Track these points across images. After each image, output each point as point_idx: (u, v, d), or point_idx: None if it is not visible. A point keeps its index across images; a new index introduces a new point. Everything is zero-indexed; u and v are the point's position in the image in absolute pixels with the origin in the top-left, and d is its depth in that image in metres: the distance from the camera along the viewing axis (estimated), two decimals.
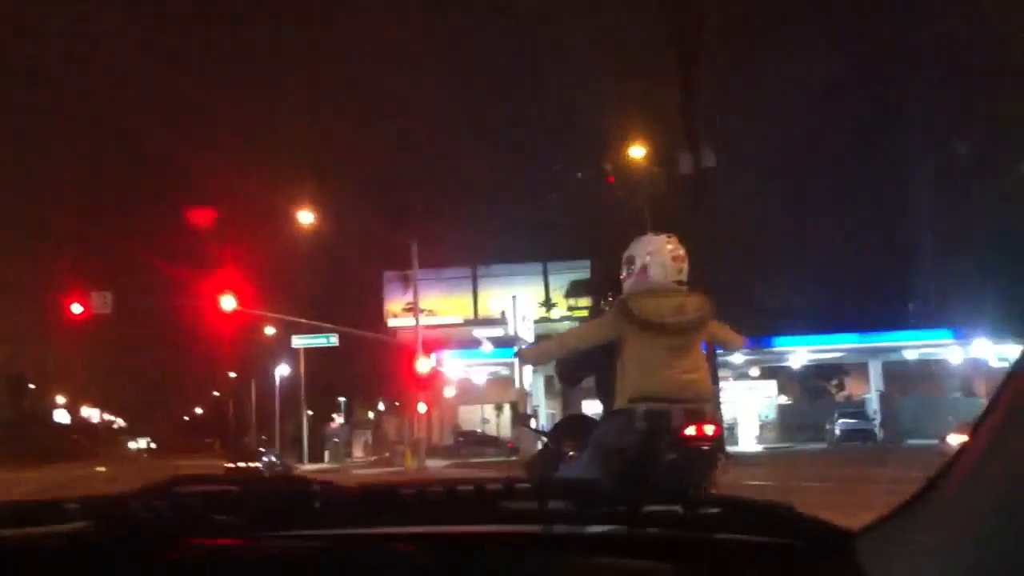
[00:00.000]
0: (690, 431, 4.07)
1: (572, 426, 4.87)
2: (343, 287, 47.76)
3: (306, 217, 35.62)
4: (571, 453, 4.59)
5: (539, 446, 5.26)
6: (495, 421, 48.04)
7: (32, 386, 75.93)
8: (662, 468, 4.05)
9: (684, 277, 4.43)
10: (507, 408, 44.28)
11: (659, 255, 4.42)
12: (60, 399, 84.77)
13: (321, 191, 40.47)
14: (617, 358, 4.24)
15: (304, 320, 38.30)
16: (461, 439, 45.81)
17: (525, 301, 34.10)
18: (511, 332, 31.17)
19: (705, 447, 4.13)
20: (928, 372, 44.91)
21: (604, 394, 4.44)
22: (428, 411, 38.34)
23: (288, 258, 42.56)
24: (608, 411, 4.30)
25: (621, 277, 4.59)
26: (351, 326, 39.45)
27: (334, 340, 39.43)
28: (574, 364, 4.69)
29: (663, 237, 4.55)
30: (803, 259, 42.70)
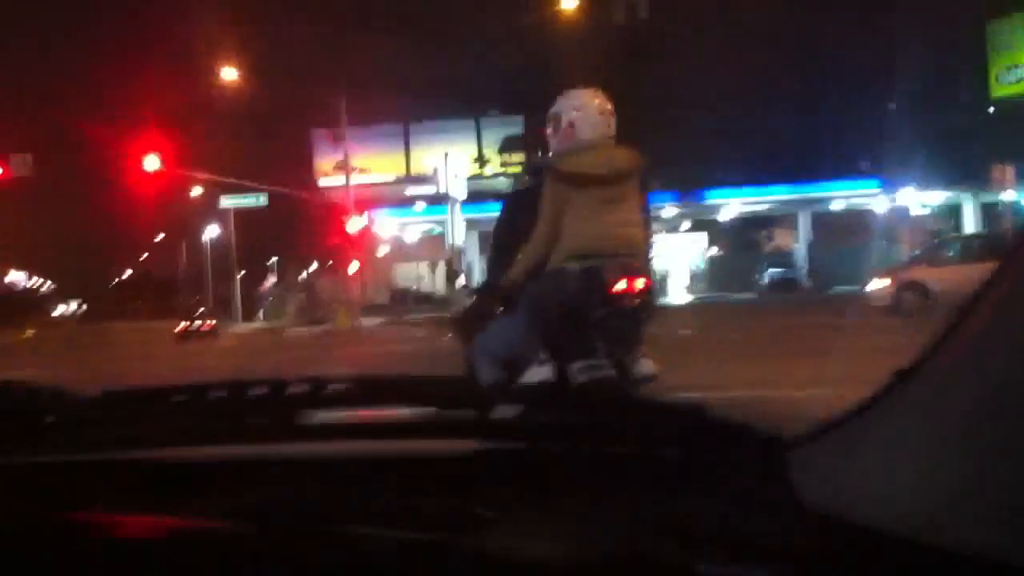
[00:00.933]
0: (620, 286, 4.06)
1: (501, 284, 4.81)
2: (271, 146, 46.78)
3: (230, 73, 34.65)
4: (500, 311, 4.57)
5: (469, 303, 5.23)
6: (430, 279, 48.20)
7: None
8: (592, 325, 4.06)
9: (612, 132, 4.33)
10: (441, 265, 44.39)
11: (586, 110, 4.31)
12: None
13: (246, 46, 39.19)
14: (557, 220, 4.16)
15: (232, 180, 37.61)
16: (396, 297, 45.97)
17: (458, 158, 33.76)
18: (443, 189, 30.95)
19: (636, 302, 4.12)
20: (855, 222, 45.87)
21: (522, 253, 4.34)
22: (361, 270, 38.33)
23: (214, 117, 41.45)
24: (542, 270, 4.24)
25: (547, 135, 4.48)
26: (281, 186, 38.89)
27: (263, 200, 38.92)
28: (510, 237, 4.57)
29: (589, 91, 4.42)
30: (735, 112, 42.61)
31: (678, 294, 43.61)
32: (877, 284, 21.41)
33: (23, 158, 27.68)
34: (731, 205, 46.36)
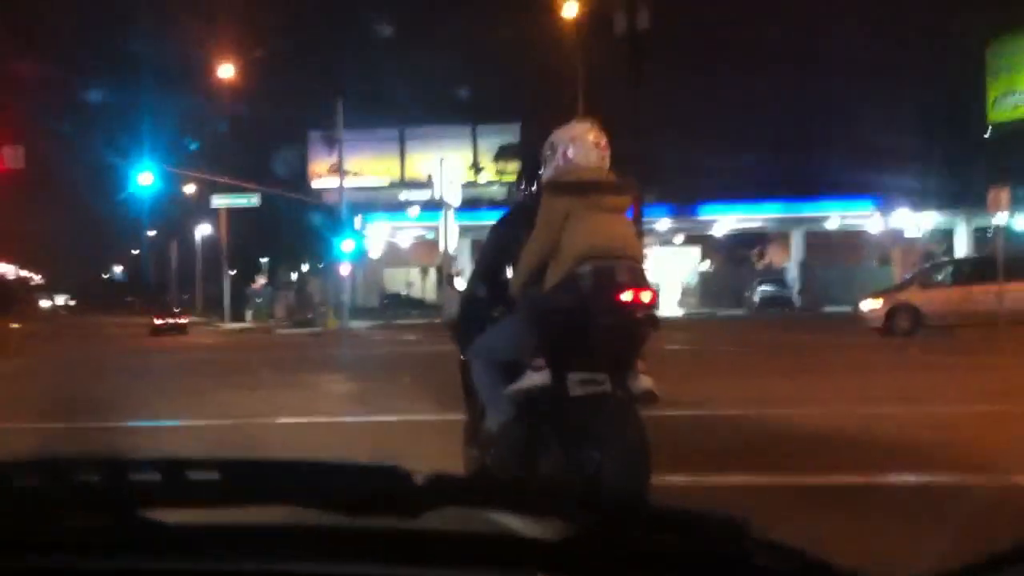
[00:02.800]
0: (627, 296, 4.02)
1: (499, 286, 4.74)
2: (267, 147, 46.66)
3: (228, 71, 34.62)
4: (496, 314, 4.51)
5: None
6: (420, 284, 48.14)
7: None
8: (596, 333, 3.99)
9: (606, 165, 4.36)
10: (432, 271, 44.30)
11: (582, 140, 4.34)
12: None
13: (244, 45, 39.09)
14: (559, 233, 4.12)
15: (224, 180, 37.54)
16: (386, 301, 45.88)
17: (453, 164, 33.76)
18: (438, 195, 30.93)
19: (642, 314, 4.09)
20: (848, 242, 45.93)
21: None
22: (352, 272, 38.24)
23: (209, 117, 41.43)
24: (541, 279, 4.17)
25: (541, 168, 4.48)
26: (275, 187, 38.82)
27: (255, 201, 38.79)
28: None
29: (586, 124, 4.48)
30: (731, 128, 42.74)
31: (669, 308, 43.56)
32: (869, 305, 21.42)
33: (16, 150, 27.45)
34: (725, 220, 46.33)
